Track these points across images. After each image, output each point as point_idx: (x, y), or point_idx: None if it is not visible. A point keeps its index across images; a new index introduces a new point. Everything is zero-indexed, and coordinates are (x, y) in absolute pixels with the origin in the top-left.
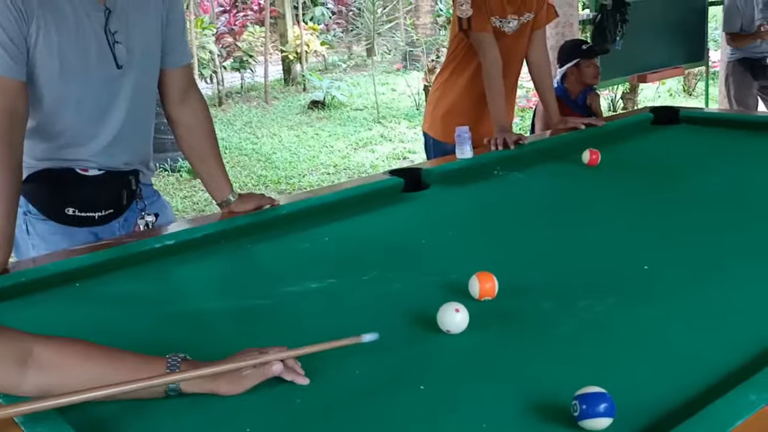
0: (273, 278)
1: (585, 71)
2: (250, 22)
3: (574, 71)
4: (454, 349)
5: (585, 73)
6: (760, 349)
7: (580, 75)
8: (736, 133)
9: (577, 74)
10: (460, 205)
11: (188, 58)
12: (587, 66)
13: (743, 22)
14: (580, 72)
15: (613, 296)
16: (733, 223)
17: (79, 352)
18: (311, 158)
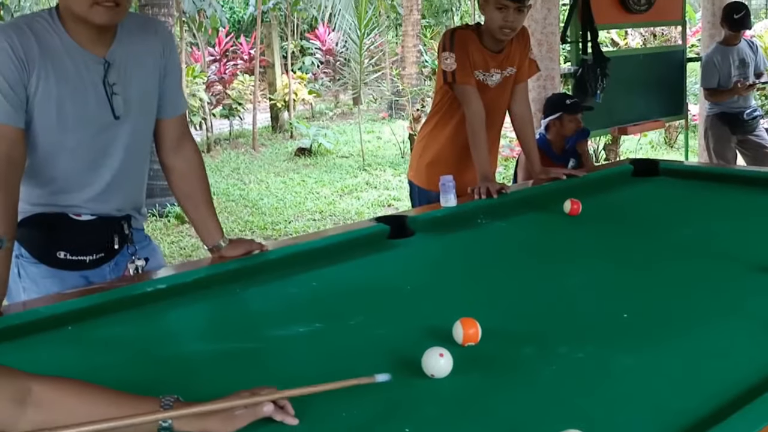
0: (262, 322)
1: (567, 125)
2: (240, 71)
3: (557, 123)
4: (439, 393)
5: (567, 126)
6: (731, 396)
7: (562, 128)
8: (714, 186)
9: (559, 127)
10: (444, 252)
11: (183, 108)
12: (570, 120)
13: (720, 79)
14: (563, 125)
15: (593, 343)
16: (709, 274)
17: (75, 391)
18: (297, 204)
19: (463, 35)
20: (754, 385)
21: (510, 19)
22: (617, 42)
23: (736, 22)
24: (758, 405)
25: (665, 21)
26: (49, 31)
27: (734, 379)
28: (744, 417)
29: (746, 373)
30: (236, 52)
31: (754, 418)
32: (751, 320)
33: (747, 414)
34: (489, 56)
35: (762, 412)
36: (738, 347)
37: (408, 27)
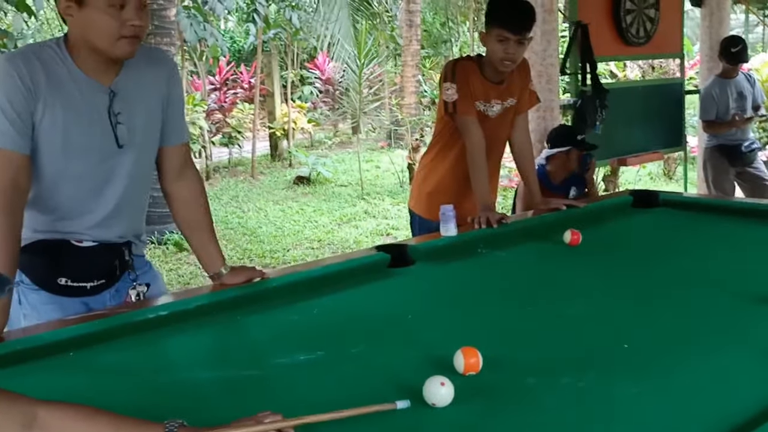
0: (263, 350)
1: (573, 159)
2: (240, 100)
3: (562, 156)
4: (440, 423)
5: (573, 161)
6: (732, 426)
7: (568, 162)
8: (713, 218)
9: (564, 160)
10: (444, 281)
11: (186, 136)
12: (578, 157)
13: (719, 111)
14: (569, 159)
15: (594, 372)
16: (708, 305)
17: (81, 416)
18: (296, 233)
19: (465, 66)
20: (755, 415)
21: (511, 51)
22: (616, 74)
23: (734, 56)
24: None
25: (663, 54)
26: (56, 60)
27: (735, 408)
28: None
29: (747, 403)
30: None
31: None
32: (751, 350)
33: None
34: (490, 87)
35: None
36: (738, 377)
37: (407, 57)
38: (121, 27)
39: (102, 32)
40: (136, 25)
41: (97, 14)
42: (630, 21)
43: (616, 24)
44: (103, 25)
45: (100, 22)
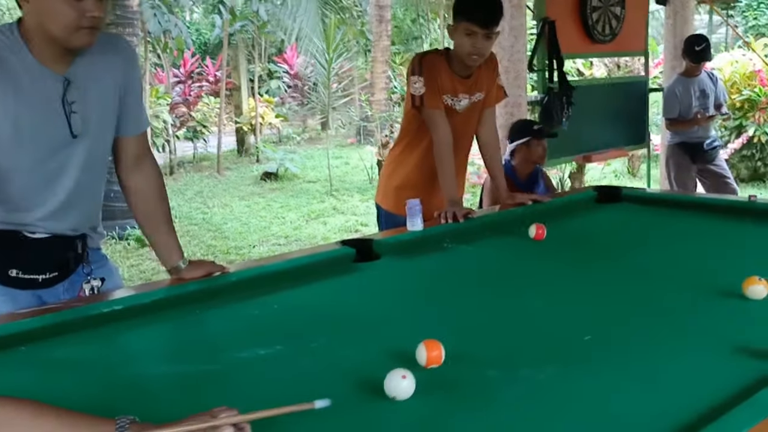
0: (222, 344)
1: (534, 150)
2: (205, 94)
3: (523, 149)
4: (400, 416)
5: (534, 152)
6: (690, 417)
7: (529, 153)
8: (674, 213)
9: (525, 152)
10: (410, 275)
11: (144, 126)
12: (536, 146)
13: (681, 109)
14: (529, 150)
15: (555, 365)
16: (668, 298)
17: (30, 412)
18: (262, 229)
19: (432, 60)
20: (711, 407)
21: (478, 46)
22: (583, 72)
23: (697, 54)
24: (719, 425)
25: (628, 51)
26: (8, 47)
27: (692, 400)
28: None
29: (704, 394)
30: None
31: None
32: (710, 343)
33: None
34: (458, 81)
35: None
36: (696, 369)
37: (377, 53)
38: (80, 17)
39: (60, 22)
40: (95, 16)
41: (56, 3)
42: (596, 18)
43: (583, 21)
44: (62, 15)
45: (59, 11)
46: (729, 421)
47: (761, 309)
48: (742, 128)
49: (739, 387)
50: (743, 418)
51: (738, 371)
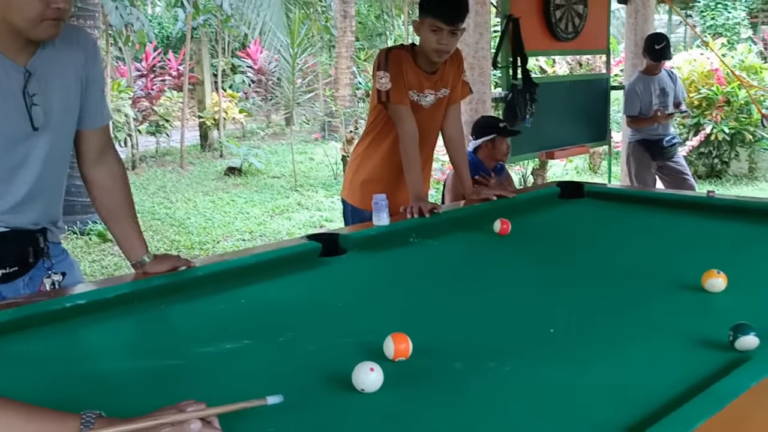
0: (187, 339)
1: (498, 147)
2: (168, 88)
3: (489, 146)
4: (369, 408)
5: (498, 149)
6: (652, 407)
7: (494, 151)
8: (634, 208)
9: (490, 149)
10: (376, 270)
11: (106, 119)
12: (501, 143)
13: (642, 107)
14: (494, 147)
15: (520, 357)
16: (629, 291)
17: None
18: (226, 224)
19: (398, 55)
20: (672, 397)
21: (444, 42)
22: (546, 69)
23: (657, 53)
24: (678, 415)
25: (590, 50)
26: None
27: (653, 390)
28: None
29: (664, 385)
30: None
31: (675, 428)
32: (670, 335)
33: (667, 424)
34: (423, 77)
35: (680, 423)
36: (658, 360)
37: (342, 49)
38: (45, 9)
39: (24, 13)
40: (60, 7)
41: None
42: (559, 16)
43: (546, 19)
44: (27, 6)
45: (24, 2)
46: (689, 411)
47: (720, 301)
48: (700, 126)
49: (698, 377)
50: (703, 407)
51: (697, 362)
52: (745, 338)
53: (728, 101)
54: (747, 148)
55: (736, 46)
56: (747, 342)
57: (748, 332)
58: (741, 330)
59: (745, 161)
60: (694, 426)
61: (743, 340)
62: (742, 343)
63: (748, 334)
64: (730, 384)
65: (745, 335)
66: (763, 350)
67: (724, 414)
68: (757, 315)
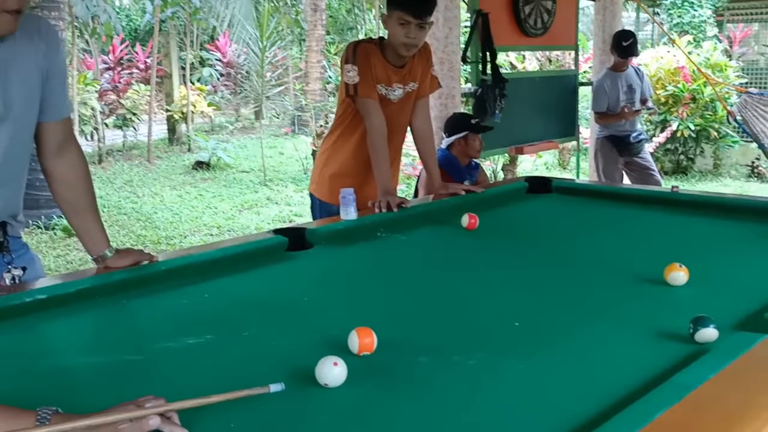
0: (149, 334)
1: (471, 144)
2: (136, 81)
3: (461, 143)
4: (332, 403)
5: (471, 146)
6: (614, 399)
7: (467, 148)
8: (601, 203)
9: (463, 146)
10: (343, 264)
11: (68, 111)
12: (473, 140)
13: (609, 103)
14: (467, 144)
15: (485, 350)
16: (594, 284)
17: None
18: (194, 219)
19: (366, 48)
20: (635, 389)
21: (412, 35)
22: (516, 65)
23: (625, 50)
24: (639, 406)
25: (559, 45)
26: None
27: (616, 383)
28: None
29: (627, 378)
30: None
31: (635, 418)
32: (632, 328)
33: (628, 415)
34: (391, 71)
35: (640, 414)
36: (620, 353)
37: (312, 42)
38: (3, 2)
39: None
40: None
41: None
42: (528, 12)
43: (515, 14)
44: None
45: None
46: (648, 402)
47: (681, 295)
48: (666, 123)
49: (659, 369)
50: (662, 399)
51: (658, 354)
52: (705, 331)
53: (694, 98)
54: (712, 145)
55: (702, 44)
56: (707, 334)
57: (708, 325)
58: (701, 323)
59: (710, 157)
60: (653, 417)
61: (703, 332)
62: (701, 335)
63: (708, 326)
64: (690, 376)
65: (705, 328)
66: (722, 343)
67: (683, 405)
68: (718, 308)
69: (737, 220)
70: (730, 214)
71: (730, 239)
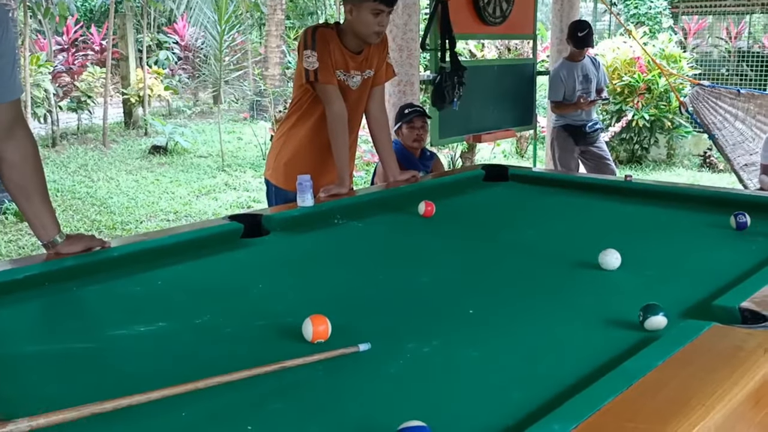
0: (100, 322)
1: (406, 134)
2: (91, 63)
3: (401, 132)
4: (285, 390)
5: (407, 135)
6: (564, 385)
7: (409, 133)
8: (556, 191)
9: (405, 134)
10: (298, 251)
11: (17, 93)
12: (409, 128)
13: (566, 92)
14: (403, 134)
15: (439, 338)
16: (546, 270)
17: None
18: (150, 204)
19: (325, 34)
20: (584, 376)
21: (384, 24)
22: (475, 53)
23: (580, 40)
24: (587, 393)
25: (518, 34)
26: None
27: (568, 369)
28: (573, 405)
29: (578, 364)
30: (86, 42)
31: (583, 405)
32: (584, 315)
33: (576, 402)
34: (349, 57)
35: (589, 401)
36: (571, 340)
37: (272, 27)
38: None
39: None
40: None
41: None
42: (487, 0)
43: (474, 2)
44: None
45: None
46: (597, 389)
47: (632, 283)
48: (622, 113)
49: (609, 356)
50: (610, 385)
51: (608, 342)
52: (654, 318)
53: (649, 89)
54: (666, 135)
55: (657, 35)
56: (656, 322)
57: (657, 313)
58: (650, 310)
59: (664, 147)
60: (601, 404)
61: (652, 320)
62: (651, 323)
63: (657, 314)
64: (637, 363)
65: (654, 316)
66: (670, 330)
67: (630, 392)
68: (667, 296)
69: (688, 209)
70: (681, 204)
71: (681, 228)
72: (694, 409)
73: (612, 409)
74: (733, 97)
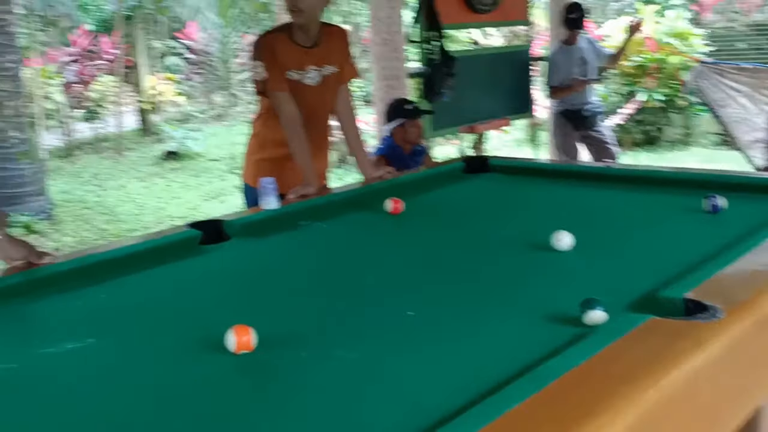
0: (30, 340)
1: (410, 131)
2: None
3: (400, 131)
4: (203, 404)
5: (410, 132)
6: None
7: (406, 134)
8: (536, 180)
9: (402, 133)
10: (254, 257)
11: None
12: (411, 126)
13: (563, 77)
14: (406, 131)
15: (370, 343)
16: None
17: None
18: (158, 210)
19: (269, 40)
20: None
21: None
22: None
23: (570, 22)
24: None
25: (511, 21)
26: None
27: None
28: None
29: (510, 364)
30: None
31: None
32: (530, 311)
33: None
34: (303, 52)
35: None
36: (509, 339)
37: None
38: None
39: None
40: None
41: None
42: None
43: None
44: None
45: None
46: (509, 392)
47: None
48: (632, 94)
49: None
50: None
51: (550, 338)
52: (592, 313)
53: (660, 68)
54: (681, 114)
55: (665, 12)
56: (594, 317)
57: (595, 307)
58: (588, 305)
59: (680, 127)
60: (505, 409)
61: (590, 314)
62: (589, 317)
63: (594, 309)
64: (560, 361)
65: (591, 310)
66: (605, 325)
67: (543, 394)
68: (618, 286)
69: (670, 193)
70: (664, 188)
71: (654, 213)
72: (599, 416)
73: (520, 412)
74: (736, 72)
